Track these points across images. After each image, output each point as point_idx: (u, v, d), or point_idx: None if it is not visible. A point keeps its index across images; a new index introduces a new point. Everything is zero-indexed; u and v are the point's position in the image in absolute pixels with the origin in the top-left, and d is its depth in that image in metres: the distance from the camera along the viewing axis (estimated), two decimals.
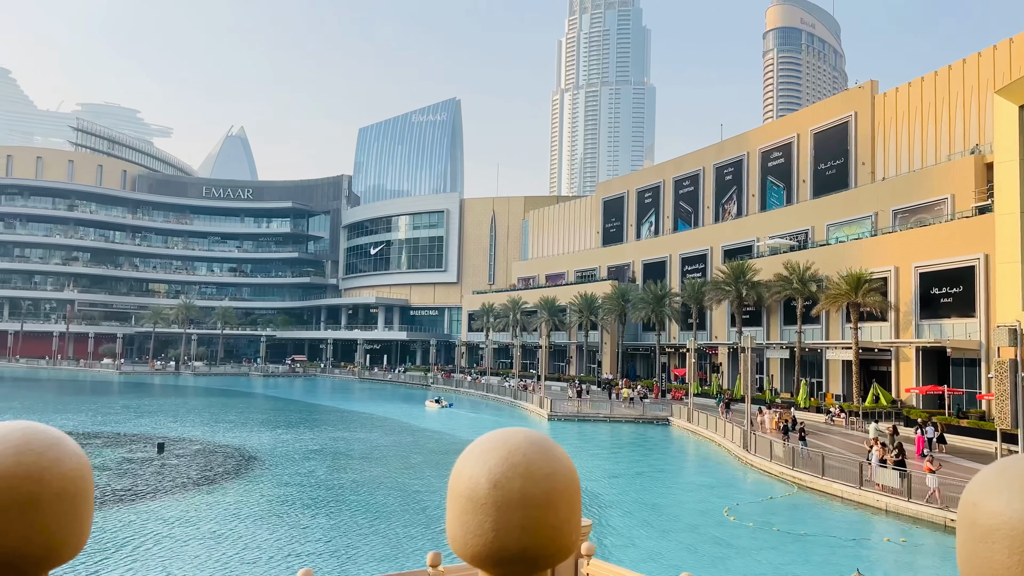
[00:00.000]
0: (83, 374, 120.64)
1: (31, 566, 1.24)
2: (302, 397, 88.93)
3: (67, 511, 1.28)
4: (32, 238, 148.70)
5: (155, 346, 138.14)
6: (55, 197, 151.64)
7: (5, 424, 1.32)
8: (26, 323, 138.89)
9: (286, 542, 25.01)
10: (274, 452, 43.80)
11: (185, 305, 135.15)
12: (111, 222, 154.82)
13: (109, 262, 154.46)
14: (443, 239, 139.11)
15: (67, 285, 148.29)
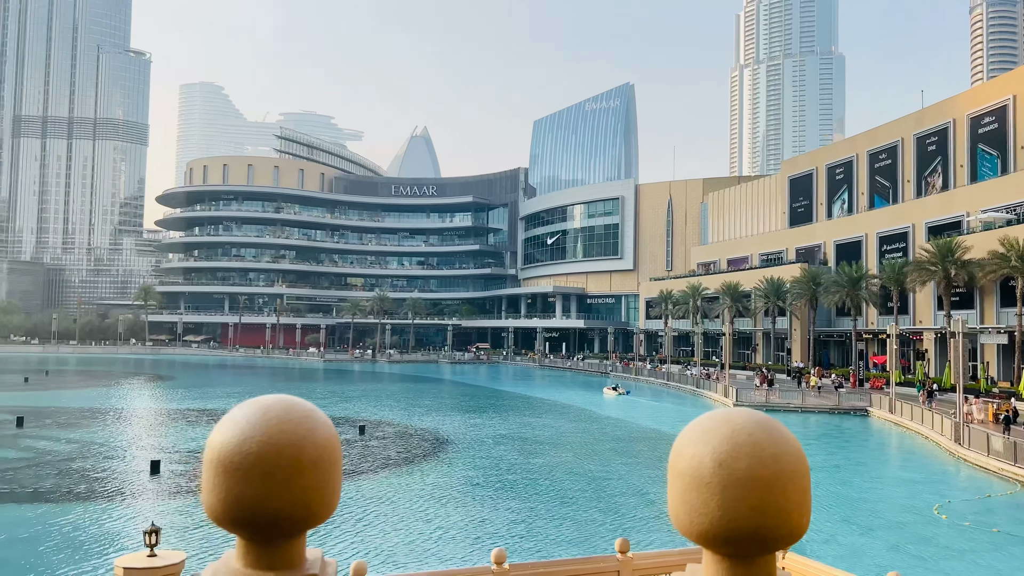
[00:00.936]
0: (292, 362, 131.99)
1: (292, 526, 1.38)
2: (487, 383, 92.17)
3: (322, 477, 1.42)
4: (246, 238, 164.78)
5: (354, 335, 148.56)
6: (264, 200, 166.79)
7: (268, 396, 1.49)
8: (243, 316, 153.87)
9: (479, 522, 26.20)
10: (465, 436, 45.84)
11: (379, 297, 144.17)
12: (312, 222, 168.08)
13: (312, 259, 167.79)
14: (618, 226, 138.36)
15: (276, 281, 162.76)
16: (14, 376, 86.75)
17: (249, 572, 1.40)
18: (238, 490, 1.37)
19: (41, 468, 33.64)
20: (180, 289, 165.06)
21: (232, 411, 1.48)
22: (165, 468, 33.26)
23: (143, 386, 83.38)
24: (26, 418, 47.20)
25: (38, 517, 25.70)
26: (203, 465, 1.42)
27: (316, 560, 1.48)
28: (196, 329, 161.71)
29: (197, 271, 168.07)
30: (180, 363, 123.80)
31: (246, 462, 1.37)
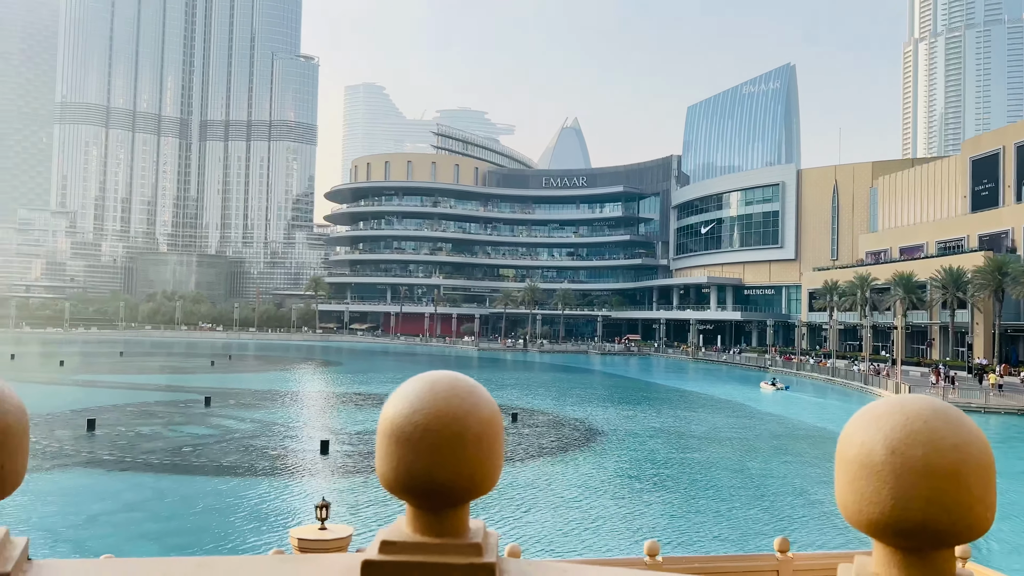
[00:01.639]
0: (448, 350, 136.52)
1: (457, 496, 1.45)
2: (639, 375, 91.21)
3: (484, 450, 1.48)
4: (406, 232, 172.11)
5: (506, 325, 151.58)
6: (422, 195, 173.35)
7: (435, 372, 1.57)
8: (404, 306, 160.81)
9: (631, 514, 26.05)
10: (618, 428, 45.65)
11: (530, 288, 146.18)
12: (467, 215, 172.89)
13: (467, 251, 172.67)
14: (778, 214, 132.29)
15: (434, 272, 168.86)
16: (202, 360, 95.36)
17: (417, 537, 1.47)
18: (409, 459, 1.45)
19: (226, 444, 36.79)
20: (346, 280, 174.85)
21: (403, 385, 1.55)
22: (334, 448, 35.41)
23: (314, 371, 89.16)
24: (213, 398, 51.74)
25: (224, 489, 28.16)
26: (377, 436, 1.52)
27: (479, 530, 1.53)
28: (361, 318, 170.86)
29: (362, 263, 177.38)
30: (347, 349, 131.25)
31: (415, 433, 1.44)
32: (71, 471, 29.93)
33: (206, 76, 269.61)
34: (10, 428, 1.40)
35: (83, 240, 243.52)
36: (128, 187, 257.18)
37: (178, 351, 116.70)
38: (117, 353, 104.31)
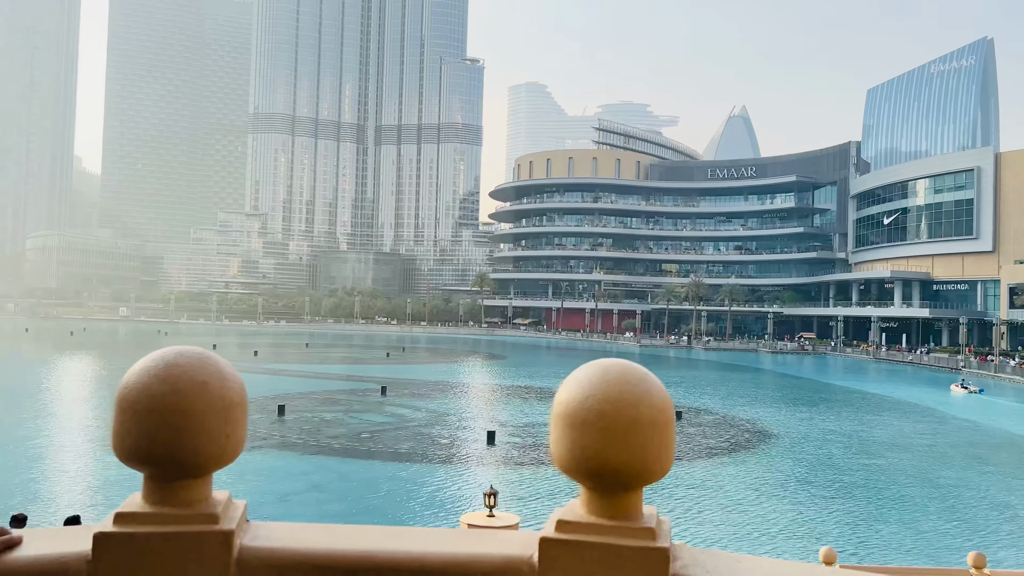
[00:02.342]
0: (609, 346, 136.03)
1: (630, 479, 1.51)
2: (814, 375, 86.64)
3: (657, 436, 1.52)
4: (567, 228, 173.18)
5: (669, 322, 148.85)
6: (583, 191, 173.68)
7: (607, 360, 1.61)
8: (565, 301, 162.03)
9: (806, 519, 24.88)
10: (790, 430, 43.69)
11: (694, 283, 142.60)
12: (628, 209, 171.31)
13: (628, 246, 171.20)
14: (973, 202, 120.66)
15: (595, 268, 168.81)
16: (378, 352, 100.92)
17: (591, 519, 1.51)
18: (584, 442, 1.49)
19: (401, 432, 38.77)
20: (510, 276, 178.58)
21: (575, 372, 1.58)
22: (499, 439, 36.38)
23: (480, 364, 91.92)
24: (388, 388, 54.64)
25: (400, 474, 29.74)
26: (551, 420, 1.56)
27: (652, 515, 1.55)
28: (524, 313, 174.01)
29: (524, 259, 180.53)
30: (510, 344, 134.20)
31: (589, 417, 1.48)
32: (266, 452, 32.67)
33: (380, 83, 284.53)
34: (234, 402, 1.59)
35: (273, 240, 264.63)
36: (312, 190, 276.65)
37: (357, 343, 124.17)
38: (303, 344, 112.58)
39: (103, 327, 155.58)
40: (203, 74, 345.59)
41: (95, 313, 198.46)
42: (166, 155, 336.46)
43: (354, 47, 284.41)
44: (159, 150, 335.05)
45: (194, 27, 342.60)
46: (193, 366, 1.57)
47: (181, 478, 1.59)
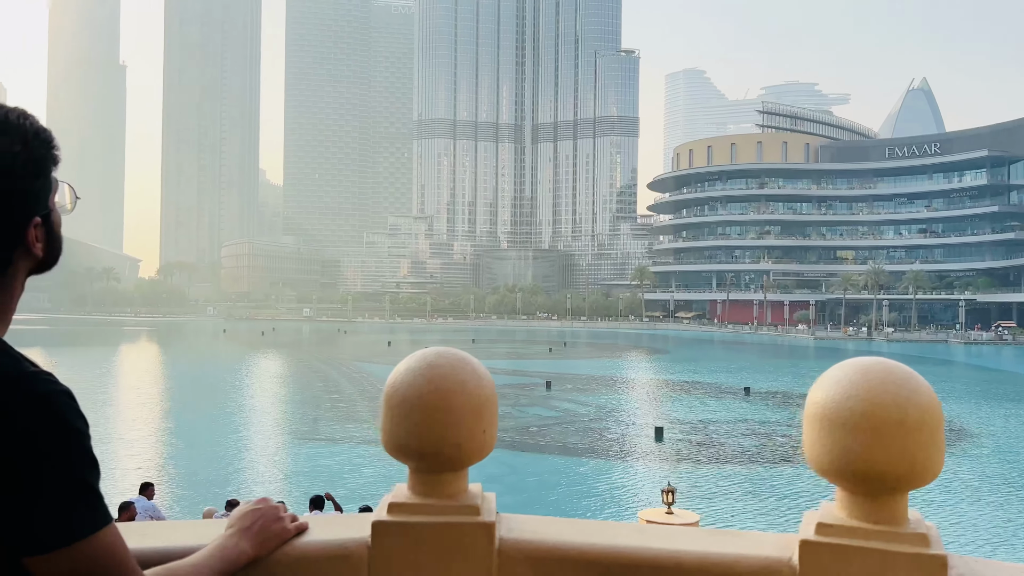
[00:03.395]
0: (780, 338, 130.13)
1: (895, 483, 1.46)
2: (1016, 368, 78.67)
3: (926, 438, 1.45)
4: (731, 217, 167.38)
5: (845, 312, 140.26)
6: (747, 178, 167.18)
7: (867, 358, 1.54)
8: (730, 293, 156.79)
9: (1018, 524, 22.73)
10: (994, 428, 40.02)
11: (873, 271, 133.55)
12: (797, 194, 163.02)
13: (798, 233, 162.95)
14: None
15: (762, 257, 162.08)
16: (540, 347, 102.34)
17: (854, 522, 1.47)
18: (845, 444, 1.44)
19: (566, 426, 39.14)
20: (671, 269, 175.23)
21: (831, 371, 1.53)
22: (668, 435, 35.86)
23: (642, 358, 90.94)
24: (552, 382, 55.29)
25: (566, 467, 30.06)
26: (805, 421, 1.51)
27: (919, 521, 1.49)
28: (686, 306, 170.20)
29: (685, 251, 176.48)
30: (673, 338, 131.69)
31: (852, 418, 1.43)
32: None
33: (536, 82, 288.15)
34: (489, 399, 1.69)
35: (439, 241, 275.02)
36: (473, 191, 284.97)
37: (519, 338, 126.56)
38: (470, 340, 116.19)
39: (289, 327, 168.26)
40: (371, 86, 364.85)
41: (282, 314, 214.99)
42: (340, 165, 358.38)
43: (510, 49, 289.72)
44: (333, 160, 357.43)
45: (361, 43, 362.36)
46: (452, 366, 1.67)
47: (444, 471, 1.69)
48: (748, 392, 52.28)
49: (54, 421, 1.20)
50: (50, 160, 1.34)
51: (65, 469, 1.20)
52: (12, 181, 1.27)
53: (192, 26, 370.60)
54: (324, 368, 71.43)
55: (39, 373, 1.24)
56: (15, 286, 1.34)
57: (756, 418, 42.34)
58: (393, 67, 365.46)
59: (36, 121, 1.34)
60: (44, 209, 1.34)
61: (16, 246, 1.30)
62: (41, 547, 1.19)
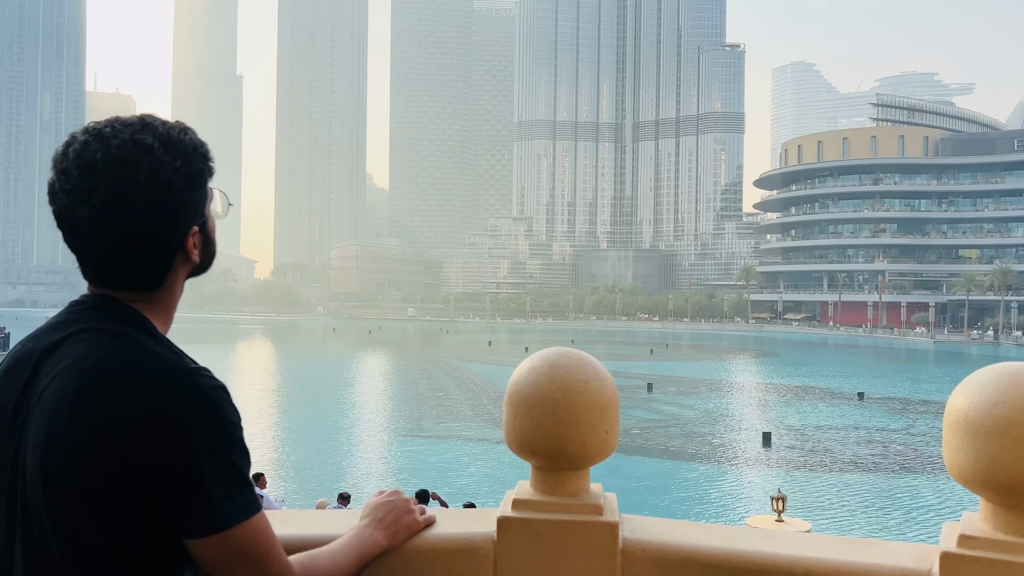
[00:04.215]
0: (896, 342, 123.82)
1: None
2: None
3: None
4: (842, 214, 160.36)
5: (969, 314, 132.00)
6: (860, 173, 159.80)
7: (1009, 363, 1.48)
8: (842, 294, 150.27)
9: None
10: None
11: (1000, 270, 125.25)
12: (915, 190, 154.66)
13: (916, 231, 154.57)
14: None
15: (876, 257, 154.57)
16: (641, 348, 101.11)
17: (998, 535, 1.41)
18: (991, 453, 1.38)
19: (669, 429, 38.54)
20: (778, 269, 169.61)
21: (975, 376, 1.47)
22: (776, 440, 34.76)
23: (748, 361, 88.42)
24: (654, 384, 54.55)
25: (669, 470, 29.60)
26: (945, 428, 1.46)
27: None
28: (795, 307, 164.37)
29: (794, 250, 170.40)
30: (781, 340, 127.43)
31: (998, 427, 1.38)
32: None
33: (637, 80, 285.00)
34: (611, 401, 1.70)
35: (538, 241, 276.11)
36: (573, 191, 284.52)
37: (619, 339, 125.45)
38: (569, 341, 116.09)
39: (394, 326, 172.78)
40: (472, 90, 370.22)
41: (388, 313, 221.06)
42: (443, 168, 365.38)
43: (611, 48, 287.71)
44: (436, 164, 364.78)
45: (463, 47, 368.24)
46: (575, 366, 1.69)
47: (566, 469, 1.70)
48: (862, 397, 50.05)
49: (215, 414, 1.31)
50: (207, 172, 1.45)
51: (225, 459, 1.31)
52: (173, 193, 1.36)
53: (303, 36, 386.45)
54: (428, 366, 72.99)
55: (199, 369, 1.35)
56: (175, 289, 1.46)
57: (871, 425, 40.49)
58: (494, 70, 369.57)
59: (194, 135, 1.45)
60: (201, 218, 1.43)
61: (176, 252, 1.41)
62: (203, 530, 1.29)
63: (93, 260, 1.38)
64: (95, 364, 1.30)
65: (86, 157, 1.33)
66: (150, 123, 1.40)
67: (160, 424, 1.26)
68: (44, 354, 1.36)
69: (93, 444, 1.25)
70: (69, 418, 1.27)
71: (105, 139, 1.34)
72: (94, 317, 1.39)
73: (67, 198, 1.34)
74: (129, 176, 1.32)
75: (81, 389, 1.28)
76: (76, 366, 1.31)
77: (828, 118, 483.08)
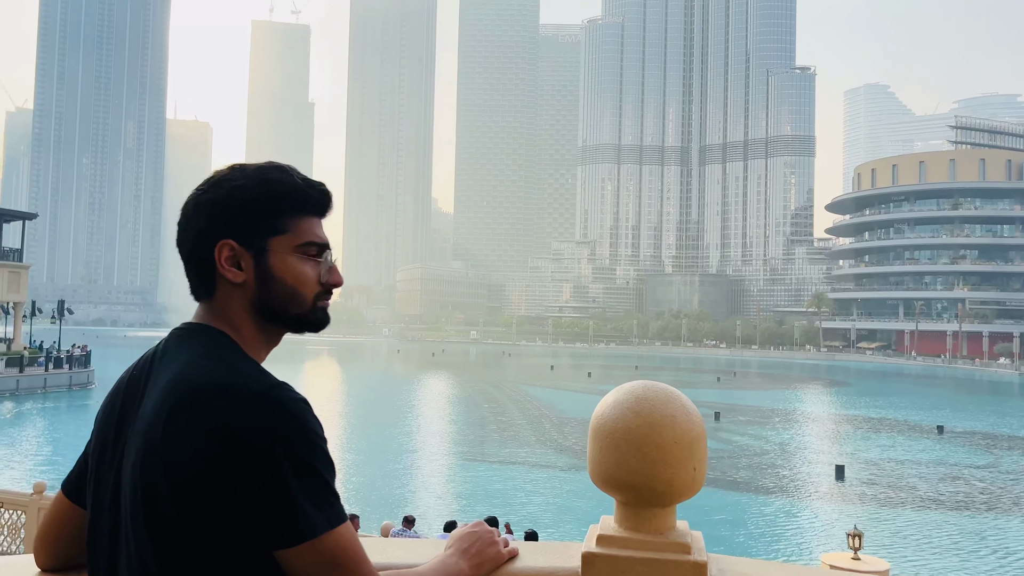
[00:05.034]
0: (978, 373, 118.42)
1: None
2: None
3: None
4: (919, 240, 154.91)
5: None
6: (938, 198, 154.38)
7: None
8: (920, 323, 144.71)
9: None
10: None
11: None
12: (998, 216, 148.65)
13: (999, 257, 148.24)
14: None
15: (956, 284, 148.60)
16: (708, 376, 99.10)
17: None
18: None
19: (737, 459, 37.49)
20: (851, 295, 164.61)
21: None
22: (850, 474, 33.46)
23: (820, 391, 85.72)
24: (722, 413, 53.29)
25: (738, 503, 28.71)
26: None
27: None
28: (869, 335, 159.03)
29: (868, 277, 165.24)
30: (855, 370, 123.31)
31: None
32: None
33: (703, 103, 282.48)
34: (699, 436, 1.66)
35: (601, 265, 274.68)
36: (637, 215, 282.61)
37: (685, 366, 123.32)
38: (633, 367, 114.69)
39: (457, 348, 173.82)
40: (536, 114, 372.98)
41: (451, 336, 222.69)
42: (506, 192, 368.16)
43: (677, 70, 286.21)
44: (500, 188, 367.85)
45: (529, 72, 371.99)
46: (661, 400, 1.67)
47: (652, 506, 1.66)
48: (942, 431, 47.89)
49: (299, 426, 1.37)
50: (267, 201, 1.53)
51: (310, 469, 1.36)
52: (217, 210, 1.51)
53: (372, 63, 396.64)
54: (490, 390, 72.97)
55: (282, 384, 1.43)
56: (236, 315, 1.55)
57: (952, 460, 38.64)
58: (559, 94, 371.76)
59: (273, 172, 1.56)
60: (247, 241, 1.52)
61: (212, 265, 1.53)
62: (292, 539, 1.33)
63: None
64: (184, 382, 1.40)
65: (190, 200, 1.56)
66: (245, 167, 1.57)
67: (246, 437, 1.33)
68: (144, 377, 1.51)
69: (185, 458, 1.34)
70: (164, 434, 1.36)
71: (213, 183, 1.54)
72: (186, 339, 1.51)
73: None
74: (203, 205, 1.52)
75: (173, 406, 1.37)
76: (168, 384, 1.41)
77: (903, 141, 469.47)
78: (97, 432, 1.56)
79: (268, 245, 1.52)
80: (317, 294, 1.58)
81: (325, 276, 1.59)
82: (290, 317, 1.57)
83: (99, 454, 1.52)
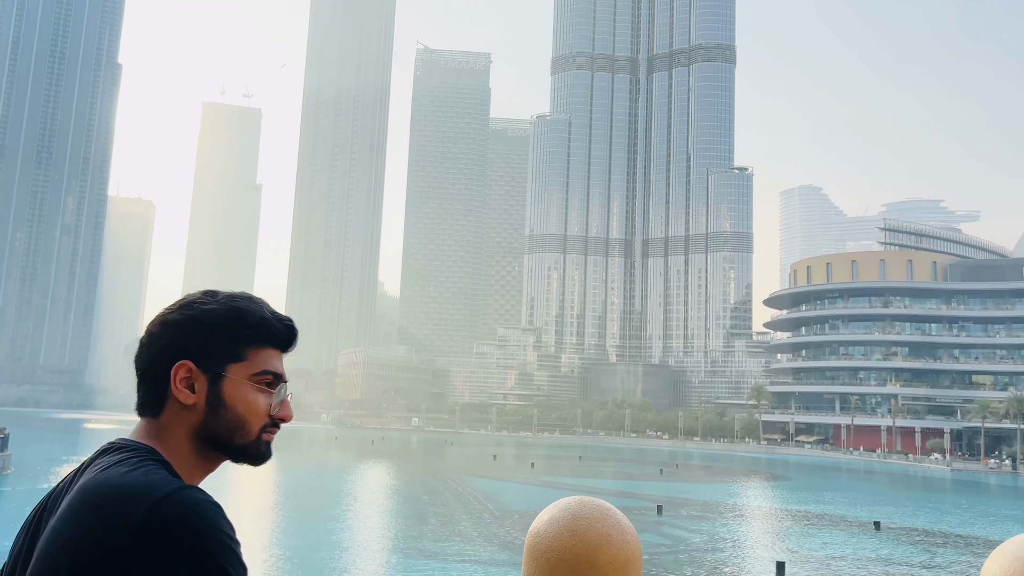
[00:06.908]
0: (911, 468, 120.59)
1: None
2: None
3: None
4: (853, 336, 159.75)
5: (986, 442, 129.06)
6: (870, 296, 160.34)
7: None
8: (855, 417, 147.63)
9: None
10: None
11: (1016, 398, 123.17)
12: (926, 315, 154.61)
13: (927, 355, 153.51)
14: None
15: (888, 380, 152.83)
16: (651, 467, 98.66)
17: None
18: None
19: (678, 555, 36.97)
20: (789, 389, 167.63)
21: (1010, 543, 1.47)
22: (791, 571, 33.20)
23: (761, 484, 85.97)
24: (664, 507, 52.81)
25: None
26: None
27: None
28: (808, 429, 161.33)
29: (805, 371, 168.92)
30: (794, 463, 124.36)
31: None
32: None
33: (647, 197, 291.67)
34: (634, 556, 1.66)
35: (547, 353, 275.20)
36: (583, 304, 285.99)
37: (628, 457, 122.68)
38: (576, 457, 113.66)
39: (398, 436, 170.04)
40: (485, 203, 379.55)
41: (391, 423, 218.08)
42: (454, 277, 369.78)
43: (621, 166, 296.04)
44: (447, 273, 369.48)
45: (477, 163, 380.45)
46: (597, 519, 1.65)
47: None
48: (878, 527, 48.21)
49: (208, 526, 1.37)
50: (232, 328, 1.59)
51: (222, 571, 1.36)
52: (178, 331, 1.58)
53: (323, 148, 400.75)
54: (430, 480, 71.19)
55: (191, 487, 1.43)
56: (175, 438, 1.58)
57: (889, 556, 38.77)
58: (507, 184, 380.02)
59: (243, 301, 1.64)
60: (205, 364, 1.58)
61: (166, 384, 1.58)
62: None
63: None
64: (95, 485, 1.42)
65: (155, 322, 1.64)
66: (217, 293, 1.65)
67: (154, 536, 1.32)
68: (64, 490, 1.53)
69: (92, 555, 1.34)
70: (69, 537, 1.38)
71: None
72: (111, 453, 1.53)
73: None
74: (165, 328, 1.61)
75: (78, 507, 1.40)
76: (79, 489, 1.44)
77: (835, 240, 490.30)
78: (11, 549, 1.56)
79: (225, 371, 1.57)
80: (264, 426, 1.61)
81: (276, 408, 1.63)
82: (233, 447, 1.60)
83: (10, 570, 1.52)
